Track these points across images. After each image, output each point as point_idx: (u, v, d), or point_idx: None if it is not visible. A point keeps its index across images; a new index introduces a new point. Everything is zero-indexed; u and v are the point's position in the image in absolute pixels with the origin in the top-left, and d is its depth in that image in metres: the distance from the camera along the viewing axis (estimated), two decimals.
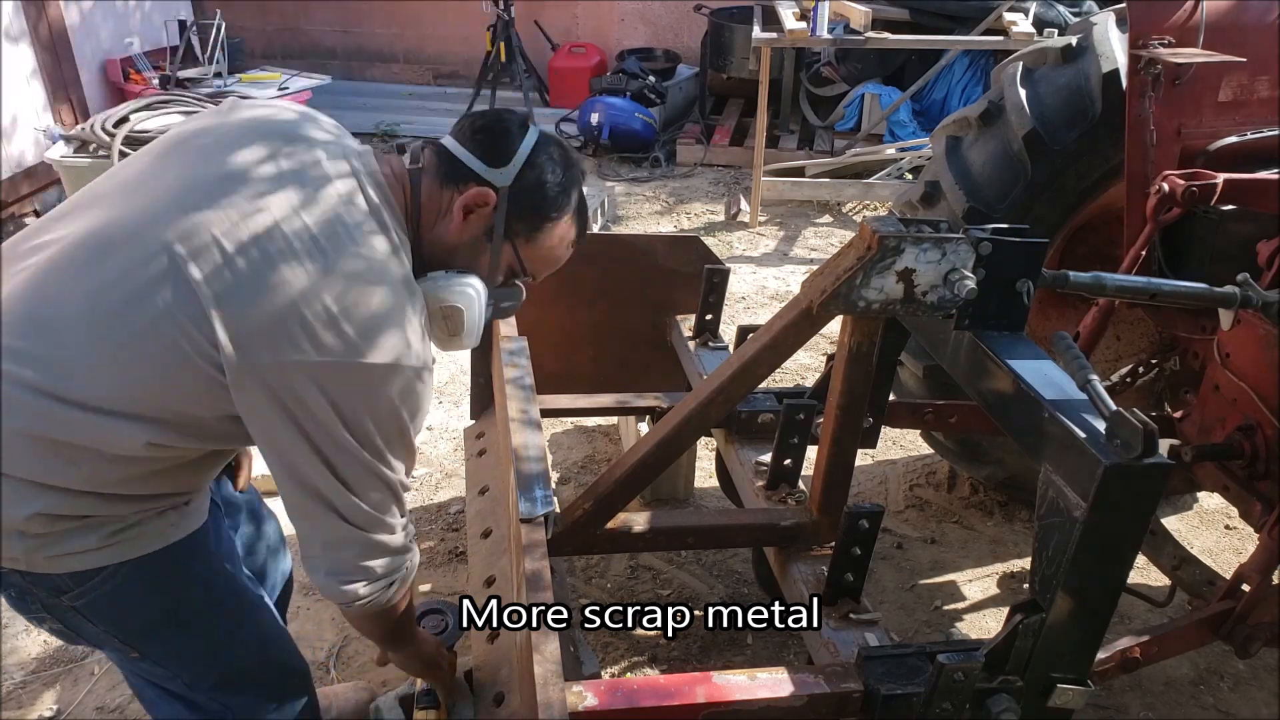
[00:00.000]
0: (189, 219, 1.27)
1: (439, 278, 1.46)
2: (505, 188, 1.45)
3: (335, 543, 1.40)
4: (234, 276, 1.26)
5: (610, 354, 2.89)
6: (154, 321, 1.25)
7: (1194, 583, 2.09)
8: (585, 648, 2.08)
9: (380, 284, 1.32)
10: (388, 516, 1.42)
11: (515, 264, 1.53)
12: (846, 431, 1.82)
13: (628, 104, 6.46)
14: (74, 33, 5.69)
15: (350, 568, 1.42)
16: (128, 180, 1.37)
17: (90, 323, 1.26)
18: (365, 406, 1.31)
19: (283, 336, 1.25)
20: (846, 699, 1.46)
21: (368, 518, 1.39)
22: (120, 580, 1.39)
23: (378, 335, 1.29)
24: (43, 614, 1.43)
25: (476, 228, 1.47)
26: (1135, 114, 2.15)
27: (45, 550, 1.32)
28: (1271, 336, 1.91)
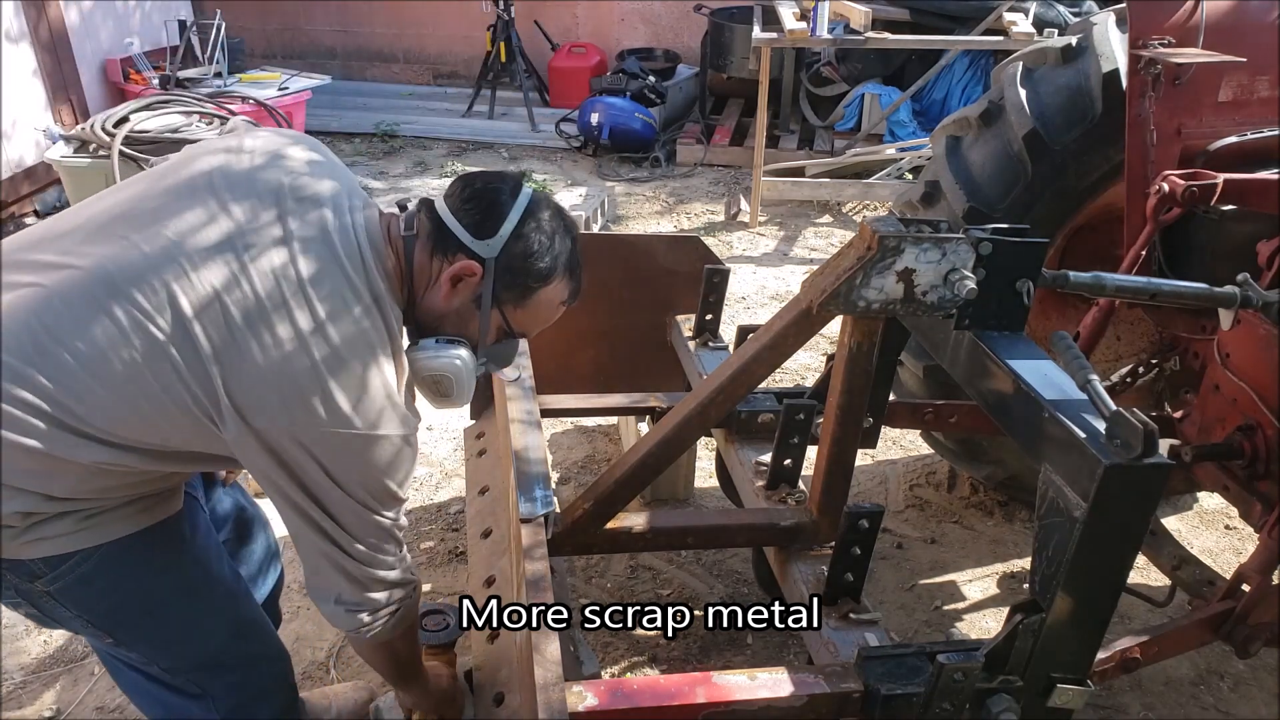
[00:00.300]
0: (197, 274, 1.32)
1: (428, 346, 1.51)
2: (492, 259, 1.47)
3: (337, 571, 1.48)
4: (233, 335, 1.31)
5: (610, 354, 2.89)
6: (158, 374, 1.30)
7: (1194, 583, 2.08)
8: (585, 648, 2.09)
9: (369, 352, 1.37)
10: (382, 555, 1.50)
11: (504, 327, 1.56)
12: (846, 431, 1.82)
13: (628, 104, 6.46)
14: (74, 33, 5.69)
15: (353, 597, 1.50)
16: (138, 212, 1.38)
17: (95, 364, 1.29)
18: (354, 469, 1.39)
19: (273, 400, 1.32)
20: (846, 699, 1.46)
21: (364, 555, 1.47)
22: (93, 565, 1.41)
23: (365, 404, 1.36)
24: (16, 599, 1.45)
25: (465, 296, 1.50)
26: (1135, 114, 2.15)
27: (19, 537, 1.35)
28: (1271, 336, 1.90)
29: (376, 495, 1.43)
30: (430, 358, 1.50)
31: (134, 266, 1.31)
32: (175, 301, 1.30)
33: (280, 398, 1.32)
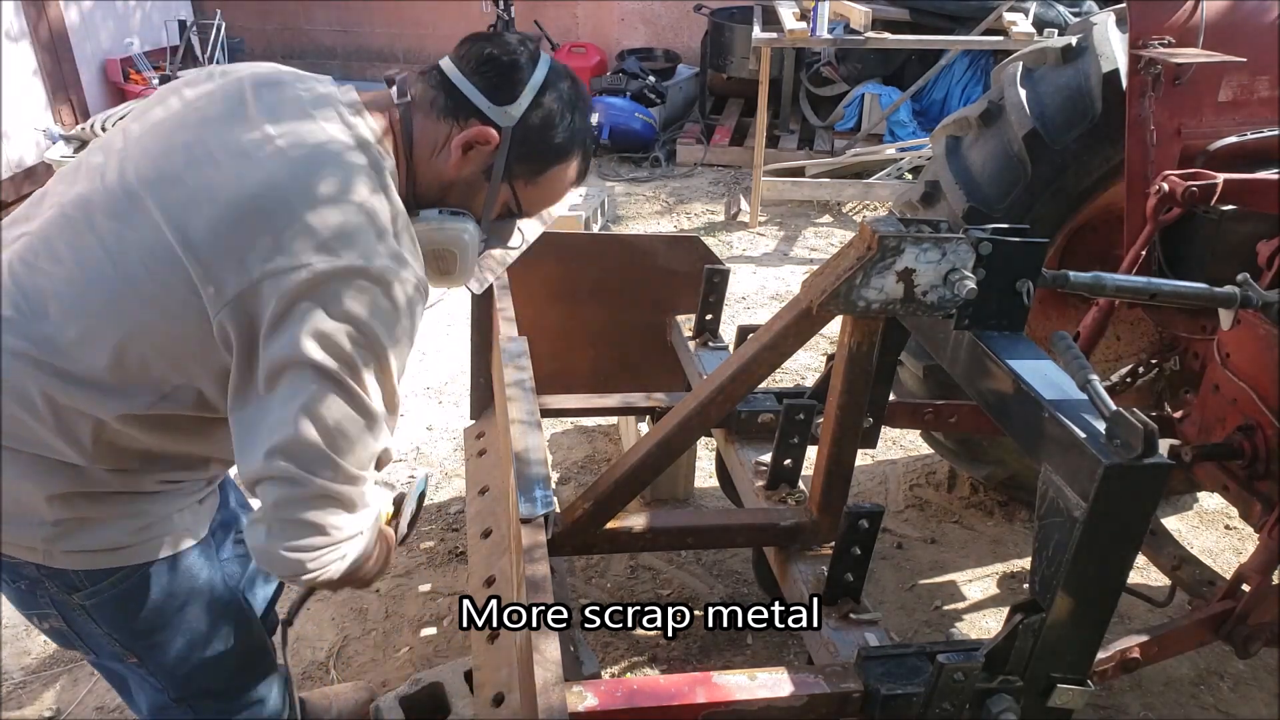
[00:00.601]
0: (158, 164, 1.25)
1: (431, 217, 1.41)
2: (509, 128, 1.37)
3: (283, 481, 1.23)
4: (181, 187, 1.22)
5: (610, 354, 2.89)
6: (134, 272, 1.22)
7: (1194, 583, 2.08)
8: (585, 648, 2.08)
9: (350, 173, 1.25)
10: (351, 457, 1.25)
11: (512, 203, 1.46)
12: (846, 431, 1.82)
13: (628, 104, 6.46)
14: (74, 33, 5.69)
15: (300, 522, 1.25)
16: (115, 146, 1.34)
17: (78, 289, 1.24)
18: (339, 314, 1.20)
19: (234, 243, 1.20)
20: (846, 699, 1.46)
21: (325, 458, 1.23)
22: (134, 584, 1.39)
23: (352, 238, 1.21)
24: (49, 610, 1.42)
25: (475, 166, 1.39)
26: (1135, 114, 2.15)
27: (65, 543, 1.32)
28: (1271, 336, 1.90)
29: (365, 350, 1.22)
30: (435, 228, 1.40)
31: (106, 184, 1.27)
32: (132, 191, 1.23)
33: (239, 236, 1.18)
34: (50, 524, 1.31)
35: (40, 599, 1.40)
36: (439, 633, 2.59)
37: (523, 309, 2.48)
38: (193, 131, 1.29)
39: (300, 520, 1.24)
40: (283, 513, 1.24)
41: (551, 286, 2.81)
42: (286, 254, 1.19)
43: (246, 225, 1.20)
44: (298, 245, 1.19)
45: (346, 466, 1.25)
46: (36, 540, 1.32)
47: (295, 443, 1.21)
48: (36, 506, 1.30)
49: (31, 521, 1.31)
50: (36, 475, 1.28)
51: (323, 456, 1.22)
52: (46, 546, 1.32)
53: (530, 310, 2.63)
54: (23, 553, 1.34)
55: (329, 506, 1.26)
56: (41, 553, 1.33)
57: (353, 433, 1.24)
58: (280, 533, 1.25)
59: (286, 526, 1.25)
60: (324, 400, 1.21)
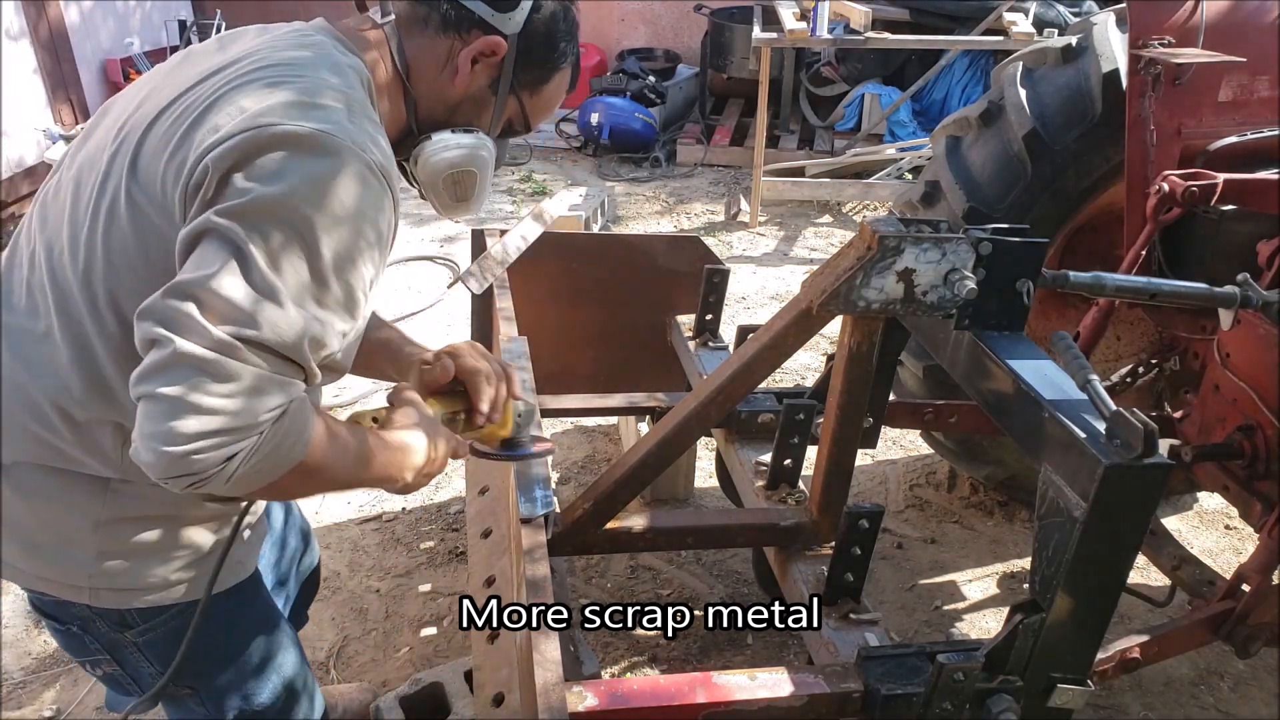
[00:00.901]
0: (131, 119, 1.19)
1: (445, 138, 1.33)
2: (515, 35, 1.30)
3: (145, 344, 1.01)
4: (143, 117, 1.16)
5: (610, 354, 2.89)
6: (112, 242, 1.14)
7: (1194, 583, 2.08)
8: (585, 648, 2.08)
9: (304, 75, 1.14)
10: (226, 324, 1.00)
11: (518, 117, 1.39)
12: (846, 431, 1.82)
13: (628, 104, 6.46)
14: (74, 32, 5.69)
15: (162, 397, 0.98)
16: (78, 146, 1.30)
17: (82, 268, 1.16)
18: (254, 175, 1.04)
19: (176, 137, 1.10)
20: (846, 699, 1.46)
21: (188, 318, 0.99)
22: (187, 620, 1.32)
23: (287, 109, 1.09)
24: (100, 654, 1.37)
25: (482, 80, 1.32)
26: (1135, 114, 2.15)
27: (112, 580, 1.26)
28: (1271, 336, 1.90)
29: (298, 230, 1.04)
30: (452, 149, 1.32)
31: (78, 174, 1.22)
32: (111, 160, 1.17)
33: (184, 128, 1.09)
34: (96, 557, 1.24)
35: (90, 643, 1.35)
36: (439, 633, 2.59)
37: (523, 309, 2.48)
38: (149, 86, 1.24)
39: (161, 393, 0.97)
40: (143, 384, 0.98)
41: (551, 286, 2.81)
42: (214, 133, 1.07)
43: (183, 129, 1.11)
44: (225, 123, 1.08)
45: (214, 331, 0.98)
46: (82, 577, 1.25)
47: (162, 301, 1.00)
48: (82, 538, 1.23)
49: (76, 555, 1.24)
50: (78, 498, 1.23)
51: (190, 319, 0.98)
52: (92, 584, 1.26)
53: (530, 310, 2.63)
54: (69, 592, 1.27)
55: (200, 374, 0.97)
56: (87, 592, 1.26)
57: (234, 294, 1.00)
58: (144, 415, 0.98)
59: (147, 401, 0.98)
60: (212, 259, 1.01)
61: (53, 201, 1.25)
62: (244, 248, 1.01)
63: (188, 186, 1.07)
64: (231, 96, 1.11)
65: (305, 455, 1.08)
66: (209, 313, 0.99)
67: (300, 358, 1.05)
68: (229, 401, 0.99)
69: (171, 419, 0.96)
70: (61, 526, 1.24)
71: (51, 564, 1.26)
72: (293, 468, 1.07)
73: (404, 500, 3.14)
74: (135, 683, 1.41)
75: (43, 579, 1.28)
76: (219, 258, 1.00)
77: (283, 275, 1.03)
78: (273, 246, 1.02)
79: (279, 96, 1.10)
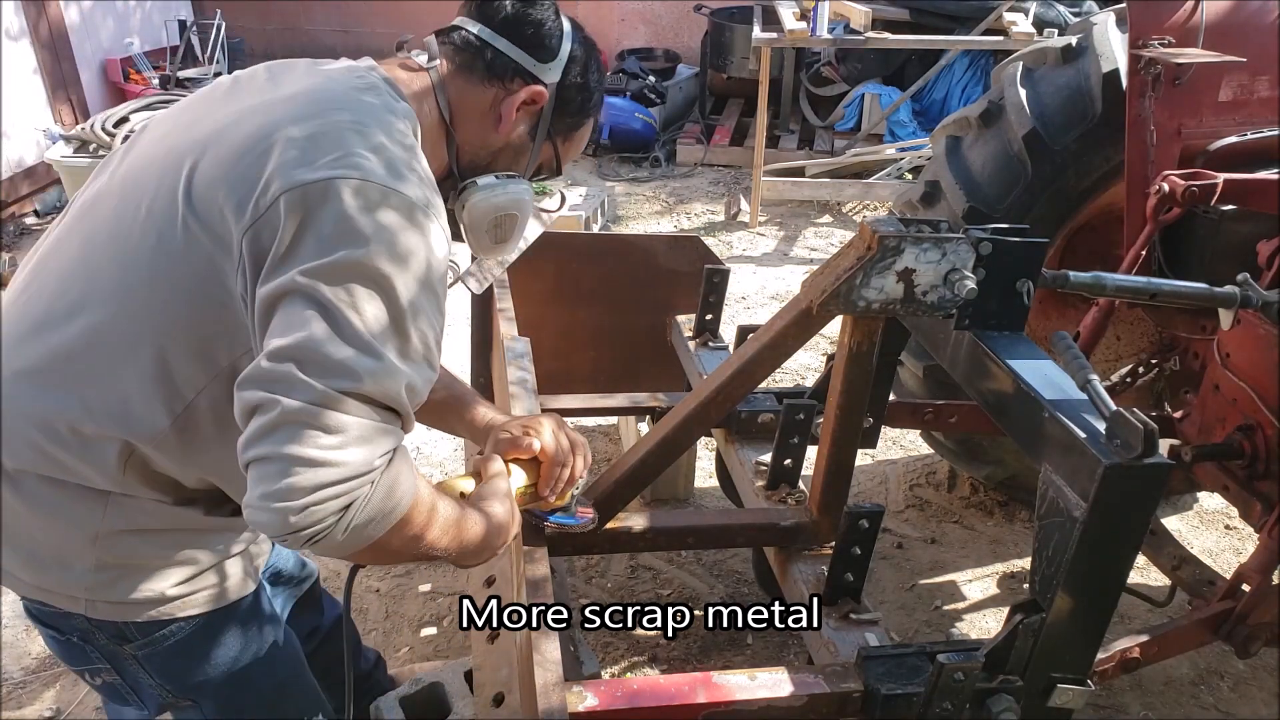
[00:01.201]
0: (165, 149, 1.21)
1: (491, 183, 1.37)
2: (554, 85, 1.35)
3: (250, 412, 1.02)
4: (194, 158, 1.16)
5: (610, 354, 2.89)
6: (147, 258, 1.15)
7: (1194, 583, 2.08)
8: (585, 648, 2.08)
9: (363, 121, 1.16)
10: (330, 378, 1.01)
11: (550, 161, 1.45)
12: (846, 431, 1.82)
13: (628, 104, 6.47)
14: (74, 32, 5.69)
15: (275, 457, 1.00)
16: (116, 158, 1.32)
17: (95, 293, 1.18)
18: (329, 229, 1.06)
19: (245, 184, 1.10)
20: (846, 699, 1.46)
21: (293, 377, 1.00)
22: (188, 634, 1.33)
23: (349, 156, 1.10)
24: (100, 664, 1.35)
25: (522, 126, 1.37)
26: (1135, 114, 2.15)
27: (108, 592, 1.25)
28: (1271, 336, 1.90)
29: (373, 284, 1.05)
30: (498, 193, 1.36)
31: (110, 188, 1.24)
32: (135, 180, 1.20)
33: (238, 178, 1.10)
34: (93, 569, 1.23)
35: (90, 654, 1.34)
36: (439, 633, 2.59)
37: (523, 309, 2.48)
38: (199, 110, 1.26)
39: (275, 453, 0.99)
40: (254, 448, 1.00)
41: (552, 286, 2.81)
42: (281, 178, 1.08)
43: (245, 164, 1.12)
44: (292, 169, 1.09)
45: (318, 385, 1.00)
46: (79, 589, 1.24)
47: (261, 369, 1.02)
48: (79, 549, 1.23)
49: (74, 567, 1.23)
50: (77, 510, 1.22)
51: (292, 378, 1.00)
52: (89, 596, 1.25)
53: (530, 310, 2.63)
54: (67, 603, 1.26)
55: (309, 428, 0.99)
56: (84, 603, 1.25)
57: (332, 351, 1.02)
58: (257, 478, 1.00)
59: (261, 464, 1.00)
60: (302, 321, 1.02)
61: (88, 215, 1.24)
62: (331, 307, 1.03)
63: (253, 224, 1.08)
64: (294, 138, 1.12)
65: (412, 505, 1.11)
66: (310, 370, 1.00)
67: (400, 406, 1.07)
68: (340, 453, 1.00)
69: (286, 476, 0.98)
70: (60, 537, 1.23)
71: (49, 574, 1.25)
72: (400, 520, 1.09)
73: None
74: (135, 693, 1.41)
75: (41, 589, 1.27)
76: (309, 318, 1.02)
77: (371, 330, 1.04)
78: (358, 303, 1.04)
79: (345, 145, 1.11)
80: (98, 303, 1.17)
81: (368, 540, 1.07)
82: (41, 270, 1.26)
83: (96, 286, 1.18)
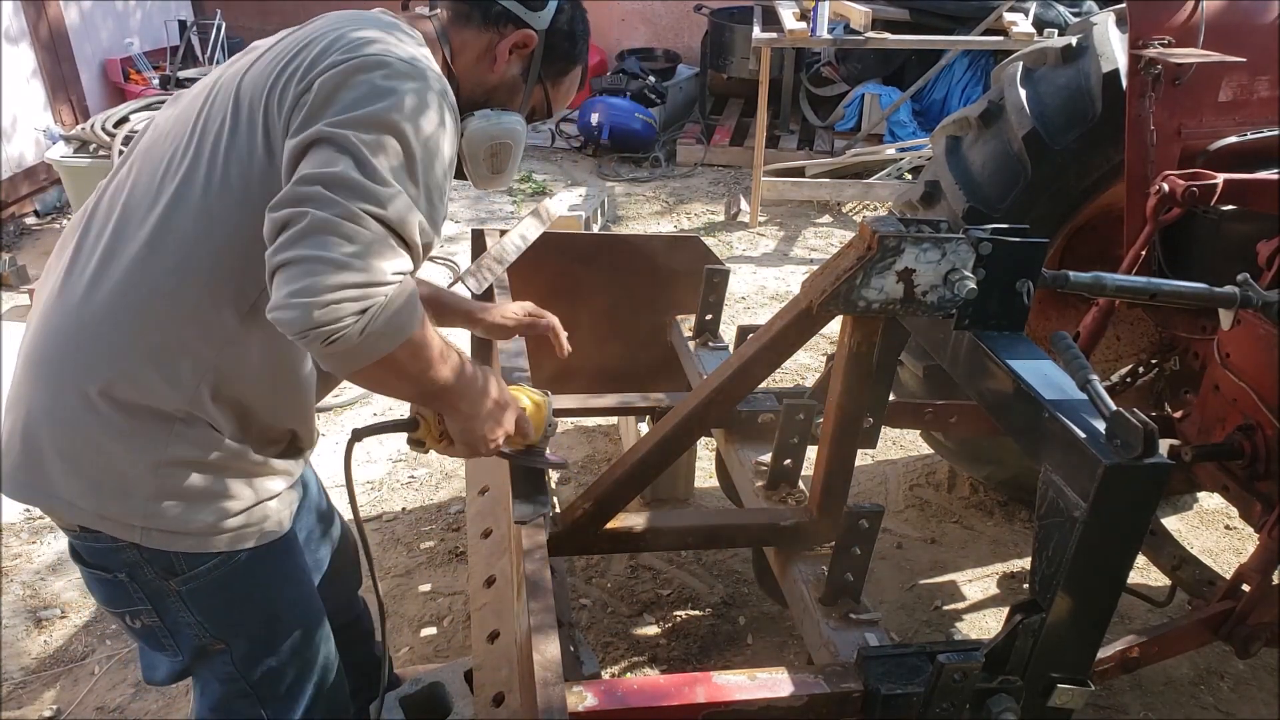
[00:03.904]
0: (222, 78, 1.41)
1: (487, 115, 1.51)
2: (543, 30, 1.51)
3: (281, 224, 1.15)
4: (243, 72, 1.35)
5: (610, 354, 2.89)
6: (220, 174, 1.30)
7: (1194, 583, 2.08)
8: (585, 648, 2.08)
9: (391, 32, 1.35)
10: (358, 201, 1.16)
11: (541, 103, 1.61)
12: (846, 431, 1.82)
13: (628, 104, 6.46)
14: (74, 33, 5.69)
15: (302, 258, 1.12)
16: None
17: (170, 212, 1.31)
18: (362, 94, 1.22)
19: (277, 71, 1.30)
20: (846, 699, 1.46)
21: (323, 196, 1.14)
22: (229, 570, 1.42)
23: (385, 47, 1.29)
24: (142, 604, 1.43)
25: (515, 68, 1.53)
26: (1135, 114, 2.15)
27: (163, 520, 1.34)
28: (1271, 336, 1.90)
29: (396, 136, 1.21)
30: (492, 124, 1.51)
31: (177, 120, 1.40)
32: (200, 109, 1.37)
33: (285, 74, 1.28)
34: (152, 497, 1.33)
35: (134, 593, 1.42)
36: (439, 633, 2.59)
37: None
38: (233, 62, 1.46)
39: (301, 255, 1.11)
40: (282, 253, 1.13)
41: (551, 286, 2.81)
42: (322, 63, 1.27)
43: (287, 64, 1.30)
44: (329, 56, 1.27)
45: (343, 202, 1.14)
46: (137, 517, 1.33)
47: (292, 190, 1.16)
48: (141, 476, 1.32)
49: (134, 494, 1.33)
50: (144, 437, 1.31)
51: (321, 195, 1.14)
52: (145, 524, 1.34)
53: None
54: (122, 530, 1.35)
55: (333, 235, 1.13)
56: (140, 531, 1.34)
57: (357, 178, 1.16)
58: (285, 279, 1.12)
59: (287, 270, 1.12)
60: (332, 158, 1.17)
61: (152, 150, 1.39)
62: (356, 149, 1.17)
63: (296, 104, 1.25)
64: (333, 39, 1.31)
65: (422, 328, 1.23)
66: (336, 190, 1.14)
67: (411, 239, 1.21)
68: (360, 260, 1.13)
69: (313, 276, 1.10)
70: (126, 464, 1.32)
71: (112, 501, 1.33)
72: (410, 338, 1.21)
73: (404, 500, 3.14)
74: (172, 636, 1.47)
75: (102, 516, 1.35)
76: (337, 157, 1.17)
77: (392, 170, 1.20)
78: (381, 147, 1.19)
79: (381, 42, 1.30)
80: (174, 221, 1.30)
81: (380, 352, 1.18)
82: (113, 203, 1.37)
83: (172, 209, 1.31)
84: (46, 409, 1.33)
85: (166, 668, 1.53)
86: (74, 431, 1.32)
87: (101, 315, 1.31)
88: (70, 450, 1.32)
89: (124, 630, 1.54)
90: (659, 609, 2.68)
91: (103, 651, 2.51)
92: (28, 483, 1.35)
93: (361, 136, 1.18)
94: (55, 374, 1.32)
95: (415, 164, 1.22)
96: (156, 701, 2.37)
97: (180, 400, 1.32)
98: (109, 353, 1.30)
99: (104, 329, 1.30)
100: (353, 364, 1.18)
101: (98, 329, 1.31)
